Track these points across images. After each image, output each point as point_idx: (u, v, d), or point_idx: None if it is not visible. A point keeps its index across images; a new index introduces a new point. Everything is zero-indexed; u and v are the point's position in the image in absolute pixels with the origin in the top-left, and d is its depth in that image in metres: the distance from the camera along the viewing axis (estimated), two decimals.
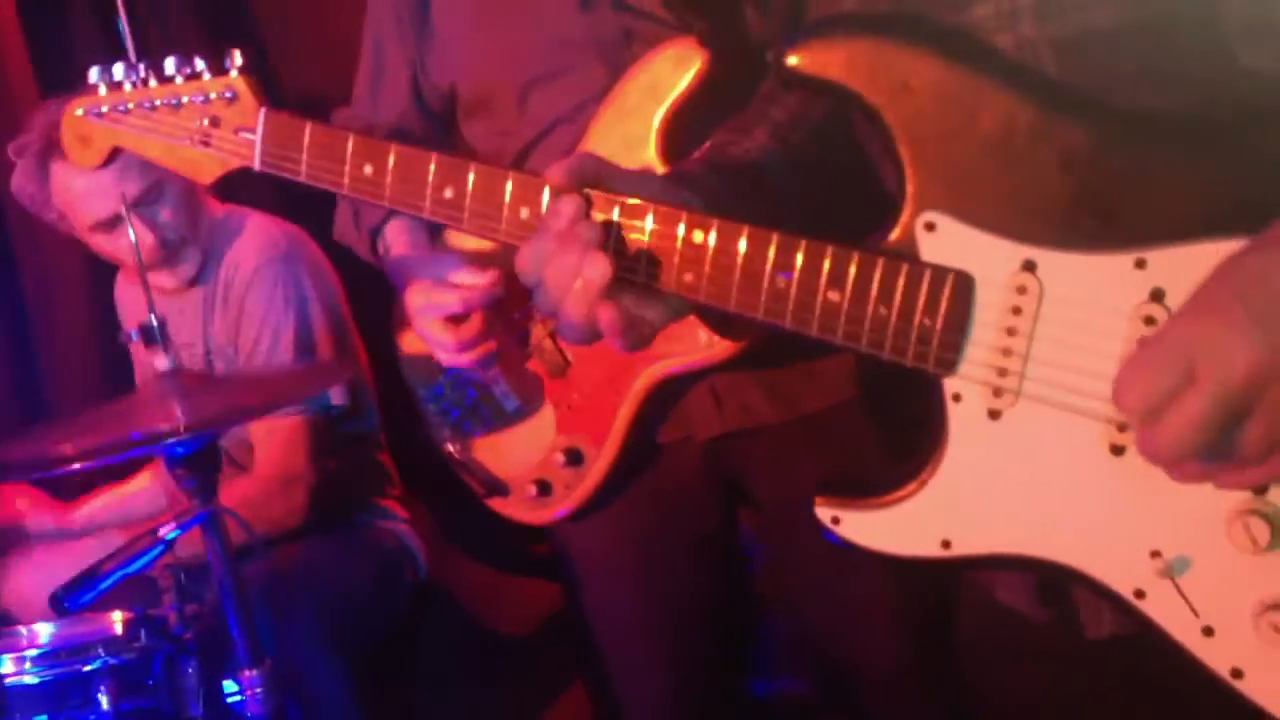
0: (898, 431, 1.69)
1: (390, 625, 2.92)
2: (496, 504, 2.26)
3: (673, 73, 1.92)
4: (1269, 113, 1.00)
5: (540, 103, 2.09)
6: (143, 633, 2.27)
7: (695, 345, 1.98)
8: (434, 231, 2.23)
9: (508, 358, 2.16)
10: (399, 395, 2.42)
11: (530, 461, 2.19)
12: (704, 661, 2.31)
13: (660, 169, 1.89)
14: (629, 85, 1.97)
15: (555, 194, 1.33)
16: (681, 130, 1.92)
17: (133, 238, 2.33)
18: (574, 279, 1.27)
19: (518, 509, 2.24)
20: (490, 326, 2.05)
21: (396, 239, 2.27)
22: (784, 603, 2.52)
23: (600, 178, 1.33)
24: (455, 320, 2.04)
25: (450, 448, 2.29)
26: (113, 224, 2.82)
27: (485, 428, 2.25)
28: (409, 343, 2.31)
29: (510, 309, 2.12)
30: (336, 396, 2.92)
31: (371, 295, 2.52)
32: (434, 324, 2.05)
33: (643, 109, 1.95)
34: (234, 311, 2.91)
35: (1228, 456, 1.07)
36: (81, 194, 2.81)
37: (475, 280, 2.03)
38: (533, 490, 2.18)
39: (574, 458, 2.14)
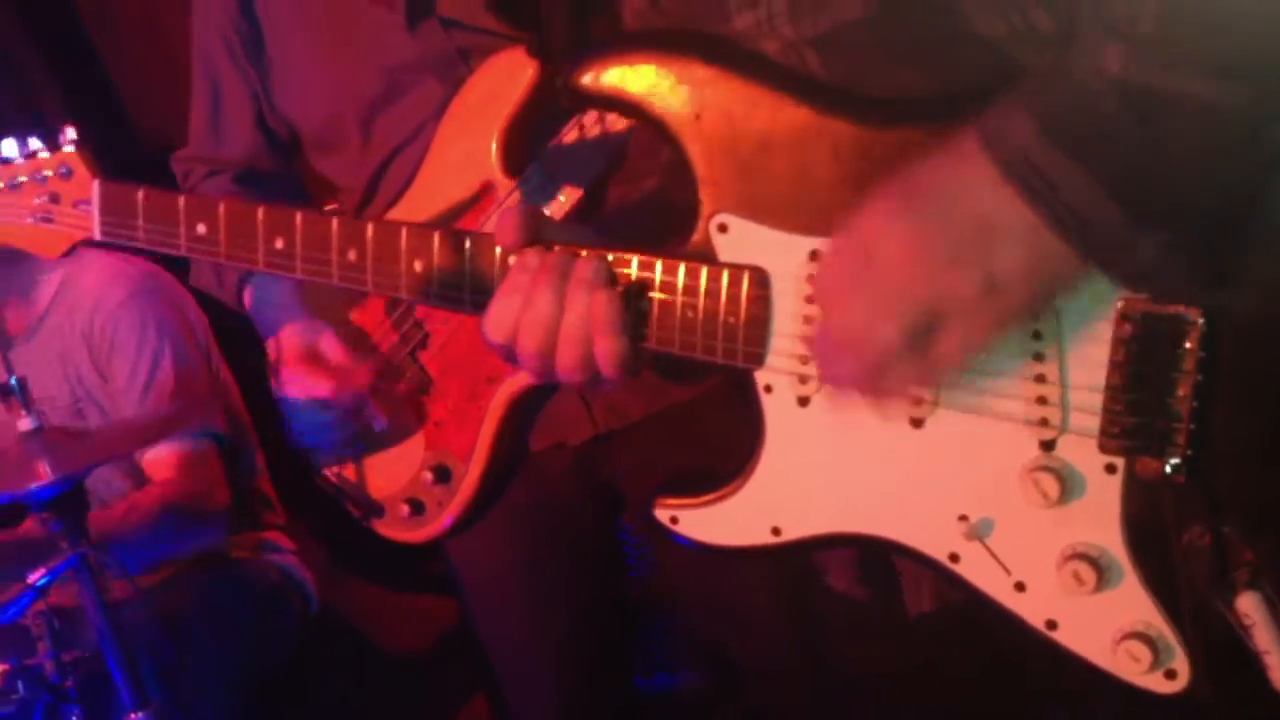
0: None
1: (280, 659, 2.89)
2: (375, 525, 2.25)
3: (505, 85, 1.93)
4: (1003, 76, 1.04)
5: (384, 128, 2.09)
6: (20, 684, 2.24)
7: None
8: None
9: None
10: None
11: (401, 481, 2.18)
12: (594, 663, 2.33)
13: (502, 180, 1.91)
14: (464, 101, 1.97)
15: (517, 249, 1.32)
16: (520, 140, 1.93)
17: None
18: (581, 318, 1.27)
19: (395, 529, 2.22)
20: (357, 408, 2.08)
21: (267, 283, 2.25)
22: (670, 599, 2.54)
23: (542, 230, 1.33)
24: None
25: (325, 473, 2.28)
26: None
27: (357, 450, 2.24)
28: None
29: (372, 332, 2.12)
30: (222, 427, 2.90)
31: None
32: (303, 400, 2.07)
33: (480, 123, 1.95)
34: (104, 349, 2.87)
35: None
36: None
37: (350, 364, 2.04)
38: (405, 510, 2.17)
39: (442, 474, 2.13)
